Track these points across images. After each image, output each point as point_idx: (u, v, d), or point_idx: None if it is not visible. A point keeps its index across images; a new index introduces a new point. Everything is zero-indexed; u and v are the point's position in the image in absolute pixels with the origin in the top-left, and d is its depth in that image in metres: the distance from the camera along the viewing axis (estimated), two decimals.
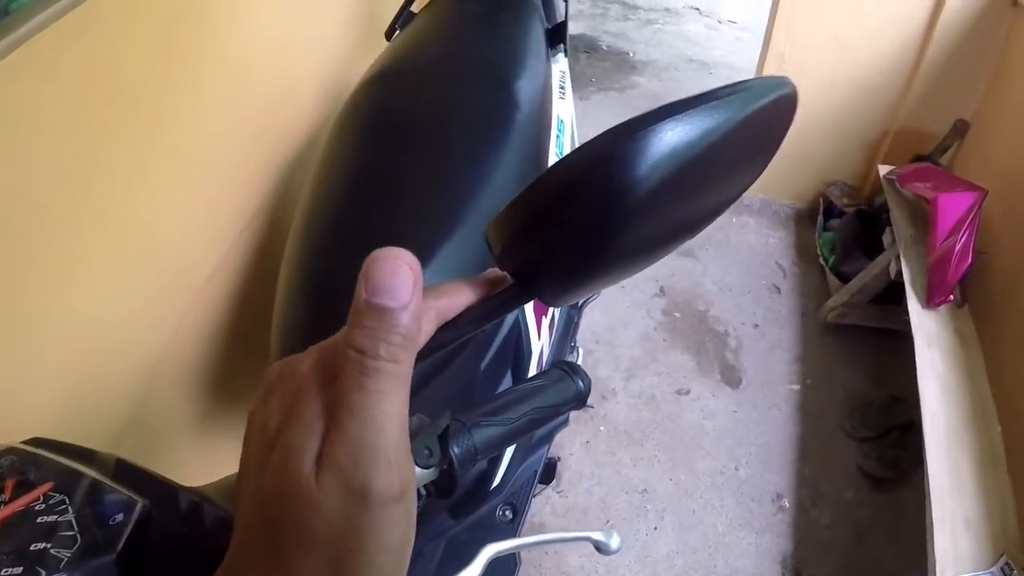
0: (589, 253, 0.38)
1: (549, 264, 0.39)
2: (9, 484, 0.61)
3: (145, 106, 1.21)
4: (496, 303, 0.42)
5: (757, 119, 0.38)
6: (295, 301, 1.08)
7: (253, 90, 1.56)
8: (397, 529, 0.34)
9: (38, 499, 0.59)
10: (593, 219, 0.36)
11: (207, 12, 1.34)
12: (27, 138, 0.96)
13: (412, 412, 0.51)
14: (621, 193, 0.35)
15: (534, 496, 1.49)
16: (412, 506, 0.36)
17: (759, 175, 0.45)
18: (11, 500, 0.59)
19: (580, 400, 0.64)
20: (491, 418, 0.59)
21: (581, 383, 0.63)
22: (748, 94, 0.38)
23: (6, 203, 0.94)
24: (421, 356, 0.38)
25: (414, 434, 0.51)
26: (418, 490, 0.58)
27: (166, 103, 1.26)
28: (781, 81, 0.40)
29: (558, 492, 2.09)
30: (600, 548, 0.65)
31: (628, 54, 4.43)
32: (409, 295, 0.33)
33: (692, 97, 0.36)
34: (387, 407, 0.34)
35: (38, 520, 0.58)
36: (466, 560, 0.61)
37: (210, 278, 1.48)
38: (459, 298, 0.42)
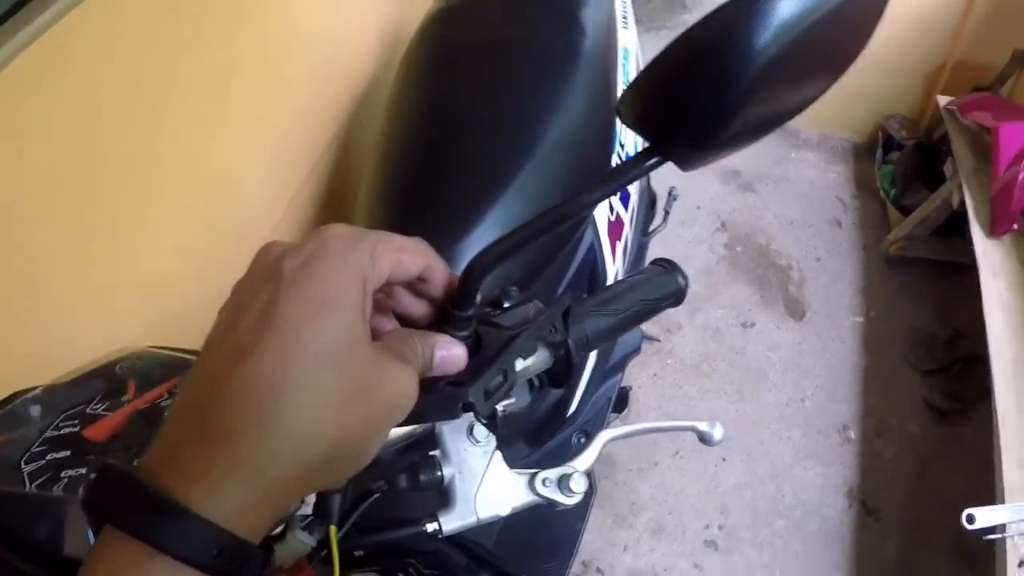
0: (715, 117, 0.39)
1: (679, 128, 0.41)
2: (132, 384, 0.63)
3: (204, 57, 1.25)
4: (634, 165, 0.43)
5: (856, 5, 0.40)
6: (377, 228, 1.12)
7: (313, 36, 1.59)
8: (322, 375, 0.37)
9: (162, 396, 0.62)
10: (718, 85, 0.38)
11: None
12: (94, 85, 1.01)
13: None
14: (742, 60, 0.37)
15: (606, 426, 1.55)
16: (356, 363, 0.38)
17: (843, 73, 0.46)
18: (135, 398, 0.62)
19: (679, 295, 0.66)
20: (601, 308, 0.61)
21: (680, 278, 0.65)
22: None
23: (70, 154, 0.98)
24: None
25: (533, 318, 0.54)
26: (530, 380, 0.61)
27: (226, 55, 1.30)
28: None
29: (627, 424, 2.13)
30: (703, 438, 0.69)
31: None
32: None
33: None
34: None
35: (166, 414, 0.61)
36: (579, 449, 0.65)
37: (280, 222, 1.53)
38: (417, 257, 0.44)
